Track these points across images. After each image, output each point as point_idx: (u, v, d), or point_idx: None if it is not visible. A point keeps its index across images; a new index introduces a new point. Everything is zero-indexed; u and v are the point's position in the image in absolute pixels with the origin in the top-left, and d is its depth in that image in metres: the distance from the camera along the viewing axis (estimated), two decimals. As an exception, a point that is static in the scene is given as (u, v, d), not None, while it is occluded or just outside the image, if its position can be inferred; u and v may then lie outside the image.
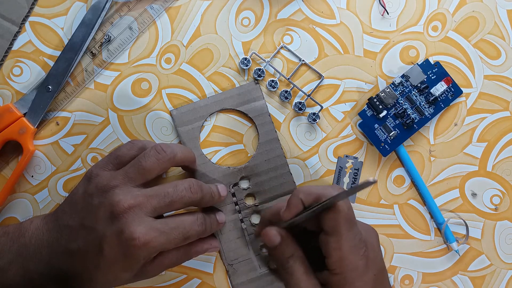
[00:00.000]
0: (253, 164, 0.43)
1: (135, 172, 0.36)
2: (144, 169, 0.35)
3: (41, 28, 0.44)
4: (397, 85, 0.43)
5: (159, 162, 0.36)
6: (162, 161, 0.36)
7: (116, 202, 0.34)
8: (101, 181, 0.35)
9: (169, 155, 0.36)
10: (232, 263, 0.43)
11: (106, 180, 0.35)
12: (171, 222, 0.35)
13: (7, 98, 0.44)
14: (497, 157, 0.44)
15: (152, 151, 0.36)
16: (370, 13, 0.45)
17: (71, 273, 0.35)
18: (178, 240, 0.35)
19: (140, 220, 0.34)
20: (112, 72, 0.44)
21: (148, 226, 0.34)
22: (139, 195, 0.34)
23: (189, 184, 0.36)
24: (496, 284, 0.44)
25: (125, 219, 0.33)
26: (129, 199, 0.34)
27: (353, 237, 0.33)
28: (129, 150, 0.37)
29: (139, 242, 0.33)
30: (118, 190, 0.34)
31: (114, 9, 0.44)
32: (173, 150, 0.37)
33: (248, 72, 0.44)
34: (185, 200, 0.36)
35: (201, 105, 0.44)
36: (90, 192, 0.35)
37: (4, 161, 0.44)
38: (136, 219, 0.33)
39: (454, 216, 0.44)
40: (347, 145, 0.44)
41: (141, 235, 0.33)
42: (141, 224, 0.33)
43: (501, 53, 0.45)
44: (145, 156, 0.36)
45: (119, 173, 0.36)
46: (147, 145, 0.38)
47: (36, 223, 0.37)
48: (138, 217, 0.34)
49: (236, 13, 0.45)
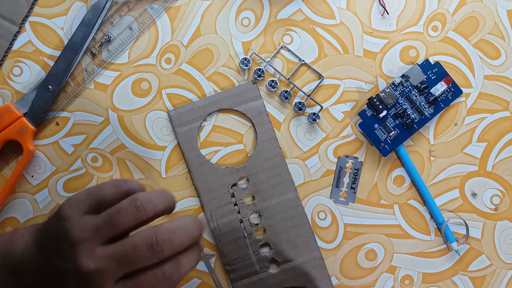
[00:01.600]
0: (252, 163, 0.43)
1: (107, 229, 0.32)
2: (118, 227, 0.31)
3: (41, 28, 0.44)
4: (397, 85, 0.43)
5: (136, 221, 0.32)
6: (140, 220, 0.32)
7: (78, 264, 0.31)
8: (69, 229, 0.32)
9: (149, 214, 0.32)
10: (232, 263, 0.43)
11: (74, 230, 0.32)
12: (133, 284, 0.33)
13: (7, 98, 0.44)
14: (497, 157, 0.44)
15: (130, 207, 0.31)
16: (370, 13, 0.45)
17: None
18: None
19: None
20: (112, 72, 0.44)
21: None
22: (100, 257, 0.31)
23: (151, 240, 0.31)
24: (496, 284, 0.44)
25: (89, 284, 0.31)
26: (90, 264, 0.31)
27: None
28: (113, 194, 0.33)
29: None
30: (83, 248, 0.31)
31: (114, 9, 0.44)
32: (155, 207, 0.32)
33: (248, 72, 0.44)
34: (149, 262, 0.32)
35: (199, 105, 0.44)
36: (59, 236, 0.32)
37: (4, 161, 0.44)
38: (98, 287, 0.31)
39: (454, 216, 0.44)
40: (347, 145, 0.44)
41: None
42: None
43: (501, 53, 0.44)
44: (121, 213, 0.31)
45: (90, 224, 0.32)
46: (134, 188, 0.33)
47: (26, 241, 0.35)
48: (100, 285, 0.31)
49: (236, 13, 0.45)
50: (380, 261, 0.44)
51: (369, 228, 0.44)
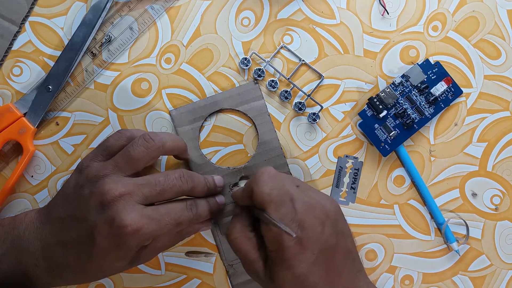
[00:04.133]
0: (253, 164, 0.43)
1: (124, 162, 0.36)
2: (133, 158, 0.35)
3: (41, 28, 0.44)
4: (397, 85, 0.43)
5: (147, 151, 0.36)
6: (150, 150, 0.36)
7: (106, 190, 0.34)
8: (91, 172, 0.35)
9: (158, 144, 0.36)
10: (232, 263, 0.43)
11: (96, 170, 0.35)
12: (162, 209, 0.35)
13: (7, 98, 0.44)
14: (497, 157, 0.44)
15: (140, 140, 0.36)
16: (370, 13, 0.45)
17: (65, 264, 0.35)
18: (170, 226, 0.35)
19: (131, 208, 0.33)
20: (112, 72, 0.44)
21: (139, 213, 0.34)
22: (130, 183, 0.34)
23: (179, 174, 0.37)
24: (496, 284, 0.44)
25: (115, 207, 0.33)
26: (120, 187, 0.34)
27: (281, 217, 0.33)
28: (117, 140, 0.37)
29: (130, 229, 0.33)
30: (108, 179, 0.34)
31: (115, 9, 0.44)
32: (161, 138, 0.37)
33: (248, 72, 0.44)
34: (176, 189, 0.36)
35: (200, 105, 0.44)
36: (81, 183, 0.35)
37: (4, 161, 0.44)
38: (126, 207, 0.33)
39: (455, 216, 0.44)
40: (347, 145, 0.44)
41: (132, 222, 0.33)
42: (132, 211, 0.33)
43: (501, 53, 0.44)
44: (133, 145, 0.36)
45: (109, 163, 0.36)
46: (136, 134, 0.38)
47: (30, 216, 0.37)
48: (128, 205, 0.34)
49: (236, 13, 0.45)
50: (380, 261, 0.44)
51: (369, 228, 0.44)
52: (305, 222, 0.33)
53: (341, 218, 0.36)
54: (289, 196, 0.34)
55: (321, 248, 0.33)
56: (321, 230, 0.33)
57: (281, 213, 0.33)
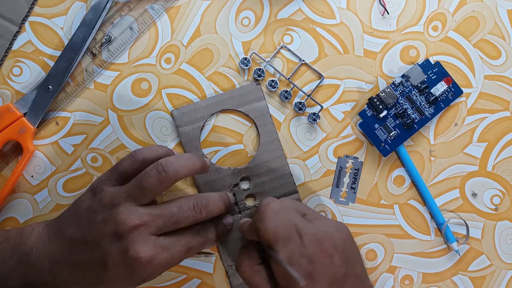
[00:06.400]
0: (254, 165, 0.43)
1: (137, 192, 0.35)
2: (146, 189, 0.35)
3: (41, 28, 0.44)
4: (397, 85, 0.43)
5: (160, 183, 0.35)
6: (163, 182, 0.35)
7: (120, 221, 0.34)
8: (105, 197, 0.35)
9: (171, 175, 0.35)
10: (232, 264, 0.43)
11: (110, 198, 0.35)
12: (173, 237, 0.36)
13: (7, 98, 0.44)
14: (497, 157, 0.44)
15: (153, 171, 0.35)
16: (370, 13, 0.45)
17: (73, 283, 0.36)
18: (180, 253, 0.36)
19: (144, 240, 0.34)
20: (112, 72, 0.44)
21: (152, 244, 0.34)
22: (144, 214, 0.34)
23: (193, 203, 0.36)
24: (496, 284, 0.44)
25: (130, 238, 0.33)
26: (134, 219, 0.34)
27: (290, 254, 0.33)
28: (130, 165, 0.37)
29: (143, 260, 0.33)
30: (122, 208, 0.34)
31: (115, 9, 0.44)
32: (175, 168, 0.36)
33: (248, 72, 0.44)
34: (190, 220, 0.36)
35: (202, 105, 0.44)
36: (95, 207, 0.35)
37: (4, 161, 0.44)
38: (140, 239, 0.34)
39: (455, 216, 0.44)
40: (347, 145, 0.44)
41: (145, 254, 0.33)
42: (146, 244, 0.34)
43: (501, 53, 0.44)
44: (146, 176, 0.35)
45: (123, 190, 0.35)
46: (149, 155, 0.37)
47: (38, 231, 0.37)
48: (142, 236, 0.34)
49: (236, 13, 0.44)
50: (380, 261, 0.44)
51: (369, 228, 0.44)
52: (314, 255, 0.33)
53: (349, 246, 0.36)
54: (296, 229, 0.34)
55: (331, 280, 0.33)
56: (330, 262, 0.34)
57: (289, 249, 0.33)
